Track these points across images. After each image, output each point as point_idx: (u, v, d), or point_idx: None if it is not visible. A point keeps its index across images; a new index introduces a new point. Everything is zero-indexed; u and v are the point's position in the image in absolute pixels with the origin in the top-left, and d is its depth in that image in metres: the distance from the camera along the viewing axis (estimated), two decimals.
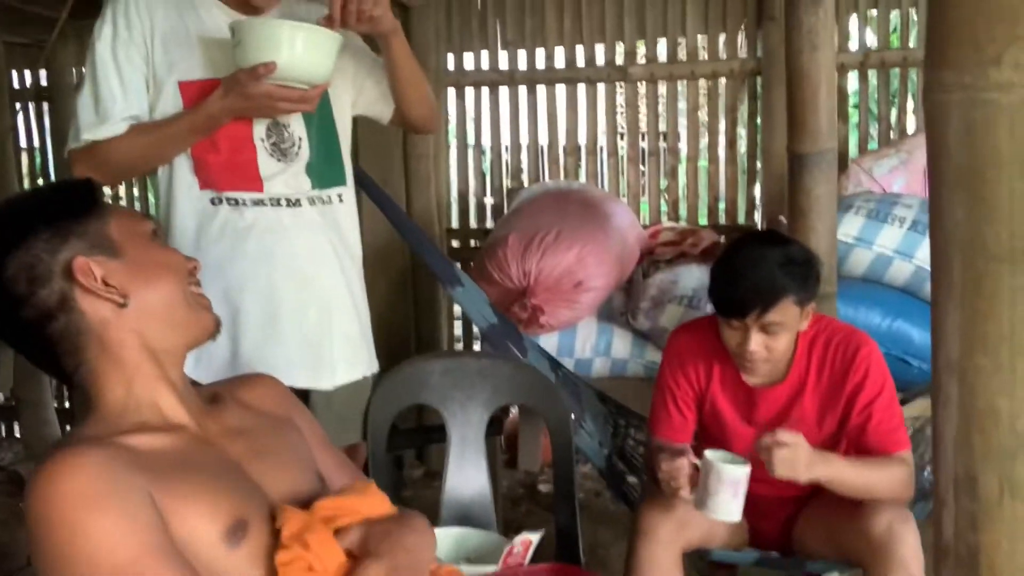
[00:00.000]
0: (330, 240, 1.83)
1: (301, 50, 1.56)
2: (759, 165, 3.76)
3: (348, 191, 1.89)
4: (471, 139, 4.08)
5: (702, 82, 3.88)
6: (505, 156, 4.13)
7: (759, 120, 3.73)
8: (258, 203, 1.74)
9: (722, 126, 3.82)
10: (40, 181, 4.81)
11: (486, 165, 4.12)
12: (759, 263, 1.82)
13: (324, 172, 1.82)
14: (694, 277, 3.02)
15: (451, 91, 4.02)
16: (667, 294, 3.02)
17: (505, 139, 4.05)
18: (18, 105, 4.59)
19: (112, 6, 1.70)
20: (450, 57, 4.00)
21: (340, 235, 1.86)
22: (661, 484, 1.79)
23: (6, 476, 4.12)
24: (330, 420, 1.64)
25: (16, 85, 4.61)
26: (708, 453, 1.73)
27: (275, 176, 1.75)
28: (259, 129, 1.73)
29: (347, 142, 1.90)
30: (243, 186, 1.73)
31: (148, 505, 0.99)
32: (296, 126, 1.77)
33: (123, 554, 0.94)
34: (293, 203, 1.77)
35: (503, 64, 3.99)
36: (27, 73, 4.65)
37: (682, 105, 3.91)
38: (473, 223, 4.15)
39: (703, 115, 3.93)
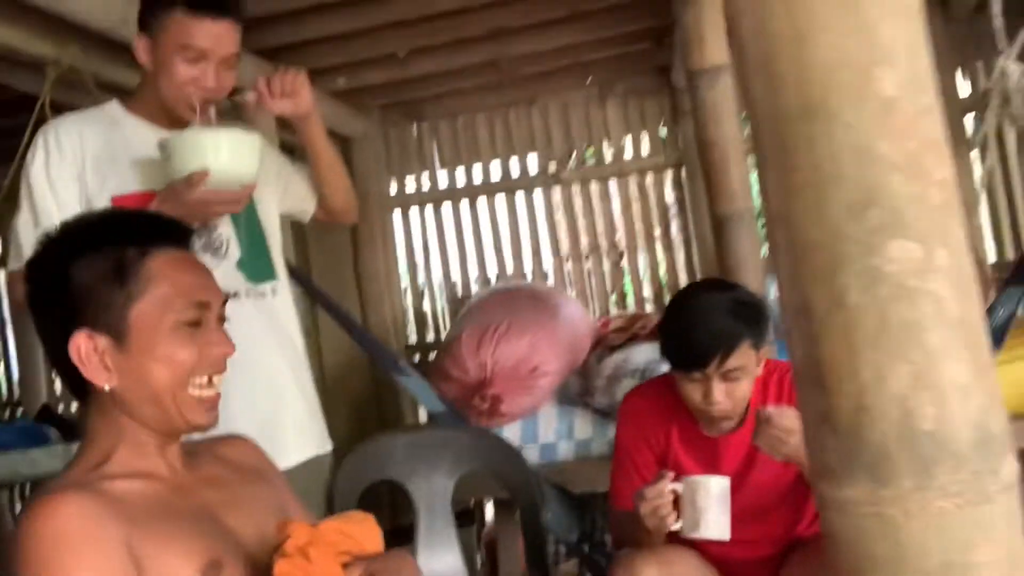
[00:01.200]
0: (269, 329, 1.92)
1: (226, 154, 1.67)
2: (694, 247, 3.96)
3: (281, 284, 1.99)
4: (420, 256, 4.24)
5: (632, 178, 4.11)
6: (454, 268, 4.28)
7: (688, 207, 3.95)
8: None
9: (655, 216, 4.03)
10: None
11: (437, 279, 4.27)
12: (711, 311, 1.80)
13: (255, 268, 1.92)
14: (644, 353, 3.13)
15: (396, 212, 4.21)
16: (621, 370, 3.11)
17: (453, 251, 4.21)
18: None
19: (43, 134, 1.80)
20: (392, 182, 4.21)
21: (278, 325, 1.94)
22: (645, 520, 1.74)
23: None
24: None
25: None
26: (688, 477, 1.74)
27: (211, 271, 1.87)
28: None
29: (276, 239, 2.02)
30: None
31: (122, 556, 1.04)
32: (224, 228, 1.86)
33: None
34: (232, 296, 1.85)
35: (443, 182, 4.20)
36: None
37: (617, 203, 4.13)
38: (430, 337, 4.26)
39: (637, 209, 4.15)
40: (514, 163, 4.13)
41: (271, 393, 1.88)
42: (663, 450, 1.98)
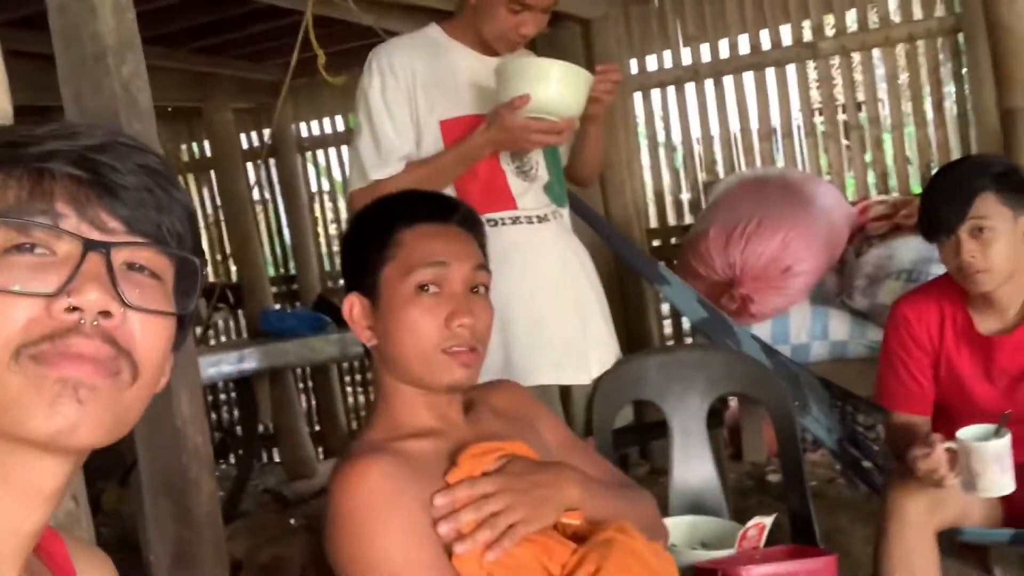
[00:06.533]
0: (573, 250, 2.07)
1: (556, 84, 1.75)
2: (971, 124, 3.54)
3: (567, 210, 2.12)
4: (661, 138, 4.11)
5: (899, 47, 3.70)
6: (698, 150, 4.13)
7: (965, 78, 3.52)
8: (515, 220, 1.95)
9: (926, 89, 3.63)
10: (274, 231, 5.34)
11: (679, 162, 4.14)
12: (955, 171, 1.84)
13: (557, 192, 2.05)
14: (911, 249, 2.91)
15: (637, 94, 4.08)
16: (883, 270, 2.92)
17: (696, 133, 4.05)
18: (249, 164, 5.10)
19: (376, 60, 1.93)
20: (633, 62, 4.06)
21: (576, 246, 2.09)
22: (922, 478, 1.72)
23: (272, 497, 4.58)
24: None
25: (244, 146, 5.12)
26: (960, 434, 1.66)
27: (524, 194, 1.97)
28: (504, 155, 1.95)
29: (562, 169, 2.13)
30: (500, 206, 1.94)
31: (424, 516, 1.12)
32: (534, 152, 1.98)
33: (398, 557, 1.10)
34: (541, 219, 2.00)
35: (686, 60, 3.99)
36: (254, 135, 5.17)
37: (880, 72, 3.75)
38: (672, 220, 4.18)
39: (903, 80, 3.74)
40: (764, 36, 3.84)
41: (578, 311, 2.01)
42: (936, 351, 1.96)
